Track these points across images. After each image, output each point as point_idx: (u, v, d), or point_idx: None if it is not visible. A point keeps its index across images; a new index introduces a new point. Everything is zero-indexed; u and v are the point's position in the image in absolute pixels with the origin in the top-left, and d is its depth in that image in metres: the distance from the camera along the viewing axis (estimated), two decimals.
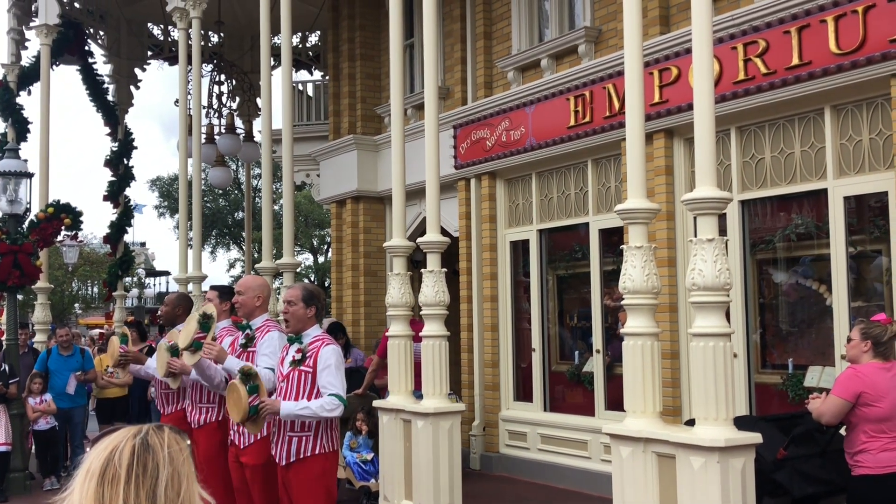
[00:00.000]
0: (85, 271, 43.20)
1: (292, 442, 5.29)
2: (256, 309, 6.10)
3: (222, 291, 6.88)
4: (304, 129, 14.36)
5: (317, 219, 42.49)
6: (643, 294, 5.47)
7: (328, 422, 5.32)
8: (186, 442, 1.71)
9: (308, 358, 5.31)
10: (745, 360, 8.17)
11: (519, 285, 11.14)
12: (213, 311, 6.28)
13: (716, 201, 5.09)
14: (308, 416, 5.20)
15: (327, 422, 5.31)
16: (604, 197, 9.89)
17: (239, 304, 6.11)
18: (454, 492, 7.22)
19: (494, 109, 10.81)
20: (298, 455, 5.29)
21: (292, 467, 5.31)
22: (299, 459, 5.29)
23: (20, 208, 10.84)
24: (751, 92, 7.91)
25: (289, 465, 5.32)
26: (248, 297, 6.08)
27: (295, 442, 5.29)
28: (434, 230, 7.58)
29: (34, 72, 13.18)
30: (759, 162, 8.26)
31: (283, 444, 5.31)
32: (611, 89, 9.24)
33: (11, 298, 11.10)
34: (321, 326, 5.60)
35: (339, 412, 5.24)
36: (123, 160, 15.31)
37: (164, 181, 46.05)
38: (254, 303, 6.09)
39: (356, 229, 13.23)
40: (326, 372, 5.24)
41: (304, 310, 5.44)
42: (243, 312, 6.13)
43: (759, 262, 8.40)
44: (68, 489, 1.67)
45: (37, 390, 10.73)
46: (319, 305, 5.51)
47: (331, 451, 5.37)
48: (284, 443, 5.31)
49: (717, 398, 4.94)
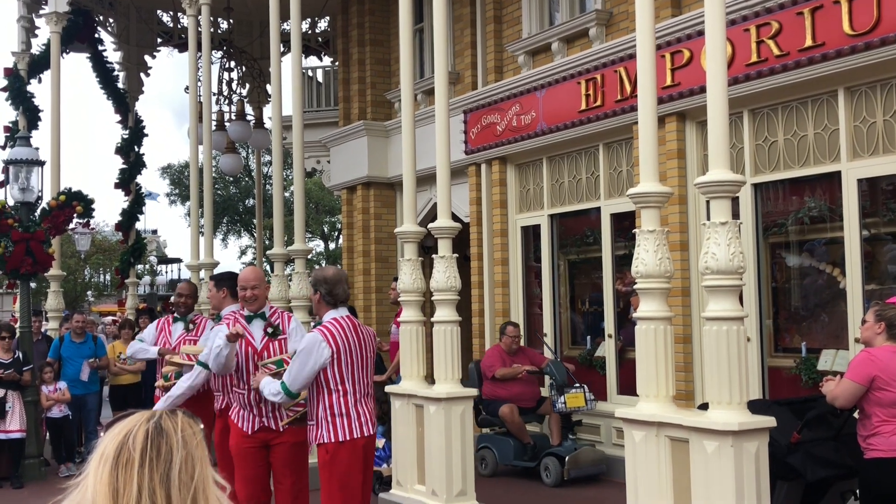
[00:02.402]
0: (97, 259, 43.36)
1: (311, 430, 5.55)
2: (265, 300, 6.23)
3: (217, 280, 7.07)
4: (314, 116, 14.35)
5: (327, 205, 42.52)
6: (656, 278, 5.45)
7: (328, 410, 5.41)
8: (199, 426, 1.71)
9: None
10: (758, 344, 8.14)
11: (530, 270, 11.12)
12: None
13: (729, 184, 5.06)
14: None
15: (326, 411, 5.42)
16: (615, 181, 9.86)
17: (255, 296, 6.08)
18: (467, 476, 7.23)
19: (505, 94, 10.76)
20: (315, 440, 5.51)
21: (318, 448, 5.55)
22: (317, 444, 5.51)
23: (32, 196, 10.87)
24: (764, 74, 7.85)
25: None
26: (262, 289, 6.15)
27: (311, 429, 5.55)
28: (445, 216, 7.56)
29: (44, 60, 13.18)
30: (772, 145, 8.21)
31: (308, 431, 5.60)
32: (622, 73, 9.19)
33: (24, 286, 11.15)
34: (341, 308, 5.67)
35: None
36: (134, 148, 15.32)
37: (175, 169, 46.13)
38: (265, 293, 6.21)
39: (367, 215, 13.23)
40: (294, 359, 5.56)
41: (314, 295, 5.72)
42: (258, 305, 6.12)
43: (772, 245, 8.36)
44: (83, 474, 1.67)
45: (49, 379, 10.78)
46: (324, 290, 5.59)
47: (330, 441, 5.39)
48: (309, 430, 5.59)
49: (731, 382, 4.92)
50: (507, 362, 9.69)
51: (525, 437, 9.55)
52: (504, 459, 9.62)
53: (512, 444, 9.57)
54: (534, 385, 9.85)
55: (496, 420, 9.66)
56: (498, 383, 9.65)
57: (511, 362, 9.68)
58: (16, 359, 10.32)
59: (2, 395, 10.06)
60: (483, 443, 9.83)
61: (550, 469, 9.11)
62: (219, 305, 6.85)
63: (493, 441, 9.79)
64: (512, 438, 9.60)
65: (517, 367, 9.59)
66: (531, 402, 9.74)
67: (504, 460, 9.62)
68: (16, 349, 10.49)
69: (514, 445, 9.55)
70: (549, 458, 9.18)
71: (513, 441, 9.58)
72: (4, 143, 12.93)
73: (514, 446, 9.55)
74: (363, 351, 5.57)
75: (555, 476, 9.04)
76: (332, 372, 5.41)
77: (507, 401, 9.54)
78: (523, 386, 9.67)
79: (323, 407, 5.42)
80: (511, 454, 9.56)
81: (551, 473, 9.08)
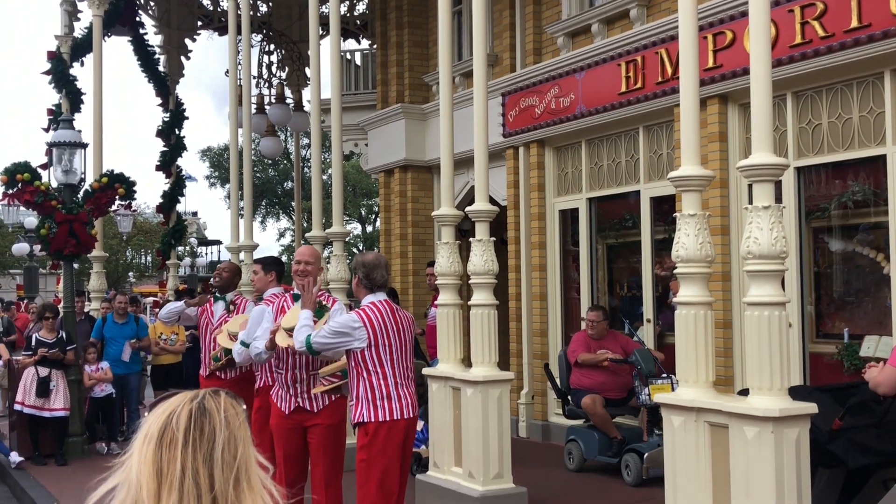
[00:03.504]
0: (139, 240, 43.88)
1: (351, 409, 5.61)
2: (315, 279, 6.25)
3: (265, 264, 7.11)
4: (352, 99, 14.37)
5: (365, 188, 42.62)
6: (696, 263, 5.40)
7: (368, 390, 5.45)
8: (242, 406, 1.73)
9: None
10: (799, 330, 8.05)
11: (568, 254, 11.07)
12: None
13: (772, 168, 4.99)
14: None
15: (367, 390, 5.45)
16: (655, 164, 9.77)
17: (307, 272, 6.10)
18: (504, 459, 7.25)
19: (544, 76, 10.69)
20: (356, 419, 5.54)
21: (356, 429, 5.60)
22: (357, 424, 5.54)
23: (75, 178, 11.02)
24: (808, 56, 7.72)
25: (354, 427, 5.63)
26: (315, 267, 6.20)
27: (351, 408, 5.61)
28: (482, 199, 7.55)
29: (87, 43, 13.31)
30: (815, 128, 8.08)
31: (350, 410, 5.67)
32: (663, 54, 9.08)
33: (67, 267, 11.32)
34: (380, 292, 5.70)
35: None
36: (175, 130, 15.45)
37: (215, 151, 46.47)
38: (317, 273, 6.20)
39: (404, 198, 13.25)
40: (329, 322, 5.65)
41: (354, 279, 5.77)
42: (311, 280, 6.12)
43: (815, 230, 8.25)
44: (127, 453, 1.69)
45: (92, 359, 10.96)
46: (362, 273, 5.64)
47: (370, 421, 5.43)
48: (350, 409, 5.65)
49: (772, 368, 4.87)
50: (591, 348, 9.01)
51: (611, 430, 8.83)
52: (590, 454, 8.98)
53: (597, 437, 8.91)
54: (622, 374, 9.03)
55: (581, 411, 9.01)
56: (583, 372, 8.99)
57: (596, 348, 9.00)
58: (59, 338, 10.50)
59: (46, 374, 10.25)
60: (571, 435, 9.26)
61: (631, 466, 8.35)
62: (262, 288, 6.90)
63: (579, 434, 9.16)
64: (597, 432, 8.92)
65: (601, 353, 8.91)
66: (619, 392, 8.96)
67: (590, 455, 8.98)
68: (59, 329, 10.67)
69: (600, 439, 8.88)
70: (630, 454, 8.41)
71: (598, 434, 8.90)
72: (48, 126, 13.10)
73: (600, 440, 8.88)
74: (402, 335, 5.61)
75: (635, 474, 8.29)
76: (370, 355, 5.46)
77: (590, 391, 8.88)
78: (608, 375, 8.94)
79: (364, 388, 5.47)
80: (596, 449, 8.91)
81: (632, 471, 8.32)
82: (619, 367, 8.94)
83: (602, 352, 8.91)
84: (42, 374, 10.22)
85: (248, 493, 1.63)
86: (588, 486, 8.48)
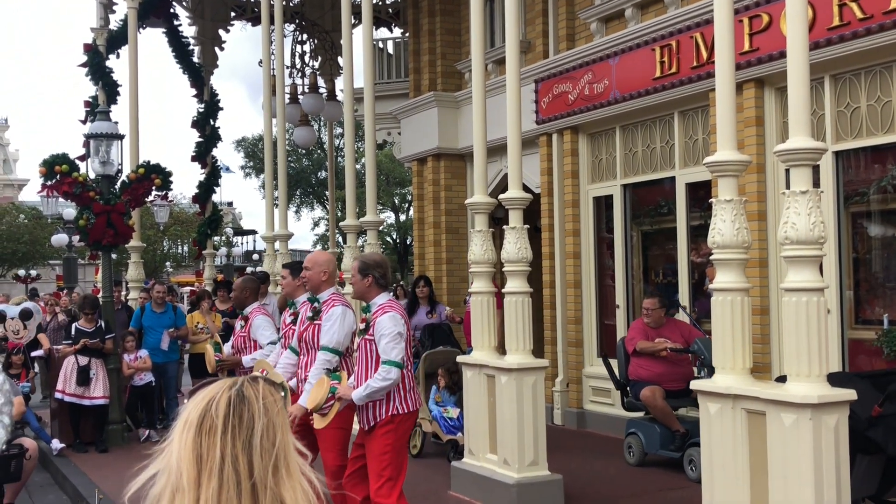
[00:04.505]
0: (175, 230, 44.33)
1: (368, 408, 5.65)
2: (323, 283, 6.27)
3: (293, 269, 7.10)
4: (385, 87, 14.37)
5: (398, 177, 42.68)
6: (733, 248, 5.35)
7: (399, 385, 5.61)
8: (280, 394, 1.74)
9: (371, 327, 5.68)
10: (838, 316, 7.95)
11: (602, 241, 11.02)
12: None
13: (810, 152, 4.93)
14: (375, 392, 5.55)
15: (399, 386, 5.61)
16: (691, 150, 9.68)
17: (306, 278, 6.32)
18: (539, 446, 7.25)
19: (577, 62, 10.62)
20: (376, 418, 5.64)
21: (372, 431, 5.67)
22: (377, 423, 5.64)
23: (112, 169, 11.14)
24: (846, 38, 7.59)
25: (370, 429, 5.68)
26: (314, 272, 6.26)
27: (371, 407, 5.65)
28: (516, 186, 7.53)
29: (122, 35, 13.45)
30: (854, 111, 7.96)
31: (364, 412, 5.69)
32: (698, 38, 8.99)
33: (106, 257, 11.45)
34: (388, 292, 5.88)
35: (394, 375, 5.51)
36: (210, 121, 15.58)
37: (249, 142, 46.76)
38: (320, 277, 6.25)
39: (437, 187, 13.25)
40: (381, 341, 5.57)
41: (361, 280, 5.79)
42: (310, 287, 6.33)
43: (853, 215, 8.13)
44: (167, 440, 1.71)
45: (130, 347, 11.12)
46: (377, 273, 5.76)
47: (402, 412, 5.65)
48: (364, 410, 5.68)
49: (810, 354, 4.82)
50: (649, 337, 8.63)
51: (673, 423, 8.42)
52: (650, 448, 8.60)
53: (658, 430, 8.51)
54: (682, 364, 8.62)
55: (640, 404, 8.63)
56: (641, 362, 8.62)
57: (654, 337, 8.61)
58: (98, 328, 10.65)
59: (86, 362, 10.40)
60: (631, 428, 8.89)
61: (695, 461, 7.71)
62: (292, 293, 6.91)
63: (640, 427, 8.76)
64: (659, 425, 8.52)
65: (660, 341, 8.52)
66: (680, 383, 8.39)
67: (650, 448, 8.60)
68: (98, 318, 10.81)
69: (661, 433, 8.47)
70: (694, 448, 7.79)
71: (659, 428, 8.50)
72: (85, 118, 13.27)
73: (661, 433, 8.48)
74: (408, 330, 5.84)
75: (699, 469, 7.47)
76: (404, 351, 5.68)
77: (649, 382, 8.50)
78: (668, 365, 8.51)
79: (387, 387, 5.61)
80: (657, 442, 8.50)
81: (696, 466, 7.57)
82: (680, 356, 8.54)
83: (660, 340, 8.54)
84: (82, 363, 10.37)
85: (287, 480, 1.65)
86: (624, 474, 8.46)
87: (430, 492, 7.85)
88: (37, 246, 44.16)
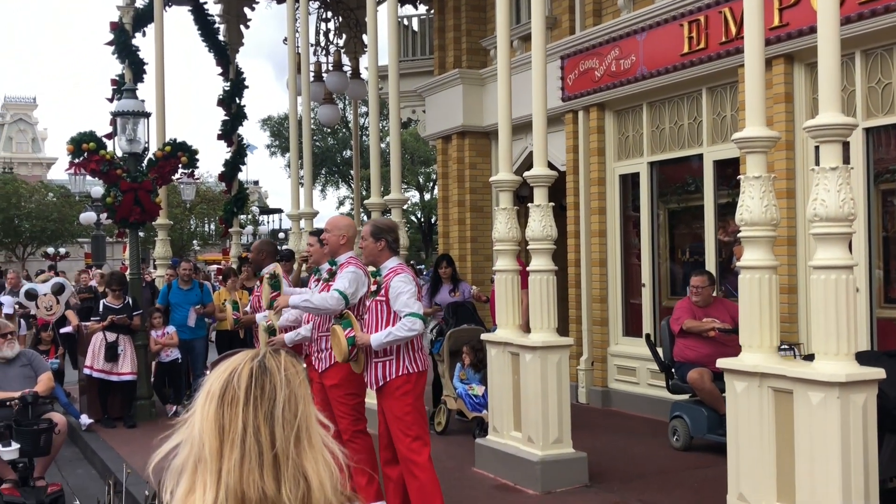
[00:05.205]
0: (202, 209, 44.60)
1: (378, 367, 5.85)
2: (341, 247, 6.38)
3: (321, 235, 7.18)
4: (409, 65, 14.32)
5: (423, 156, 42.68)
6: (761, 226, 5.30)
7: (408, 346, 5.82)
8: (302, 366, 1.74)
9: (382, 289, 5.84)
10: (867, 294, 7.86)
11: (628, 220, 10.95)
12: (279, 271, 6.98)
13: (840, 128, 4.86)
14: (396, 340, 5.74)
15: (407, 346, 5.81)
16: (719, 127, 9.57)
17: (325, 241, 6.44)
18: (563, 424, 7.25)
19: (603, 38, 10.52)
20: (385, 378, 5.83)
21: (382, 390, 5.87)
22: (386, 382, 5.83)
23: (139, 147, 11.20)
24: (878, 13, 7.46)
25: (380, 389, 5.88)
26: (333, 235, 6.38)
27: (380, 367, 5.84)
28: (541, 164, 7.49)
29: (148, 13, 13.48)
30: (885, 87, 7.83)
31: (372, 371, 5.88)
32: (727, 13, 8.86)
33: (133, 234, 11.53)
34: (397, 257, 6.06)
35: (418, 326, 5.73)
36: (235, 99, 15.59)
37: (275, 121, 46.89)
38: (339, 241, 6.37)
39: (462, 165, 13.21)
40: (399, 298, 5.72)
41: (374, 244, 5.92)
42: (329, 250, 6.45)
43: (884, 192, 8.02)
44: (190, 411, 1.72)
45: (157, 324, 11.22)
46: (390, 238, 5.94)
47: (414, 371, 5.85)
48: (373, 370, 5.87)
49: (839, 332, 4.77)
50: (696, 315, 8.33)
51: (722, 406, 7.57)
52: (697, 432, 8.27)
53: (705, 414, 8.16)
54: (730, 345, 7.75)
55: (686, 386, 8.34)
56: (687, 343, 8.35)
57: (702, 316, 8.31)
58: (126, 304, 10.74)
59: (114, 339, 10.50)
60: (676, 411, 8.56)
61: None
62: (319, 260, 6.99)
63: (685, 410, 8.44)
64: (706, 408, 8.18)
65: (707, 321, 8.21)
66: None
67: (697, 433, 8.27)
68: (125, 295, 10.91)
69: (709, 416, 8.12)
70: None
71: (706, 411, 8.15)
72: (112, 96, 13.34)
73: (709, 417, 8.13)
74: None
75: None
76: None
77: (696, 364, 8.20)
78: (715, 346, 8.00)
79: (404, 343, 5.81)
80: (704, 426, 8.18)
81: None
82: (728, 337, 7.93)
83: (708, 320, 8.22)
84: (110, 340, 10.48)
85: (310, 451, 1.65)
86: (650, 452, 8.43)
87: (455, 468, 7.88)
88: (66, 224, 44.61)
